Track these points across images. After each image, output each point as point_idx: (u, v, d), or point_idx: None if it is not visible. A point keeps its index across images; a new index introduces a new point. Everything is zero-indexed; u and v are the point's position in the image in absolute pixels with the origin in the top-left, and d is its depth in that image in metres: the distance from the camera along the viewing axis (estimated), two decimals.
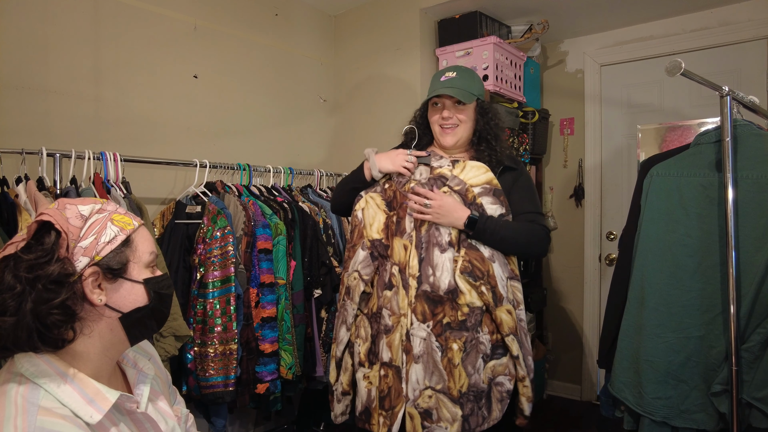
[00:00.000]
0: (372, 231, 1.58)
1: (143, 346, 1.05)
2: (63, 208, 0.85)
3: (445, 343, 1.45)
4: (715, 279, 1.43)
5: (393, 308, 1.49)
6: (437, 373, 1.44)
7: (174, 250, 1.91)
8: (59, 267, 0.79)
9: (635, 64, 2.97)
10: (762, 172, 1.41)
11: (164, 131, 2.28)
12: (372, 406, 1.51)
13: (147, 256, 0.91)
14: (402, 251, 1.52)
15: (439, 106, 1.64)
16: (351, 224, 1.64)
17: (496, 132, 1.67)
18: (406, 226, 1.54)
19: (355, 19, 3.02)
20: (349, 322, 1.59)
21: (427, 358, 1.45)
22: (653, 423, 1.48)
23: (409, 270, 1.49)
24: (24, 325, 0.77)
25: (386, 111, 2.83)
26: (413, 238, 1.51)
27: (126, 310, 0.87)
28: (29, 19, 1.88)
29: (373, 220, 1.59)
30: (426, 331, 1.46)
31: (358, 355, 1.56)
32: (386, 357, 1.49)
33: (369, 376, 1.53)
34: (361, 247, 1.58)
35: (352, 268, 1.58)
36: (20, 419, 0.73)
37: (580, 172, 3.17)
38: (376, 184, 1.64)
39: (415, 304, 1.46)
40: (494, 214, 1.53)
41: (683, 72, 1.30)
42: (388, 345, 1.49)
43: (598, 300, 3.12)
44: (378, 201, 1.61)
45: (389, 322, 1.50)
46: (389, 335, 1.49)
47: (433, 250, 1.49)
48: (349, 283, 1.58)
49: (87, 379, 0.83)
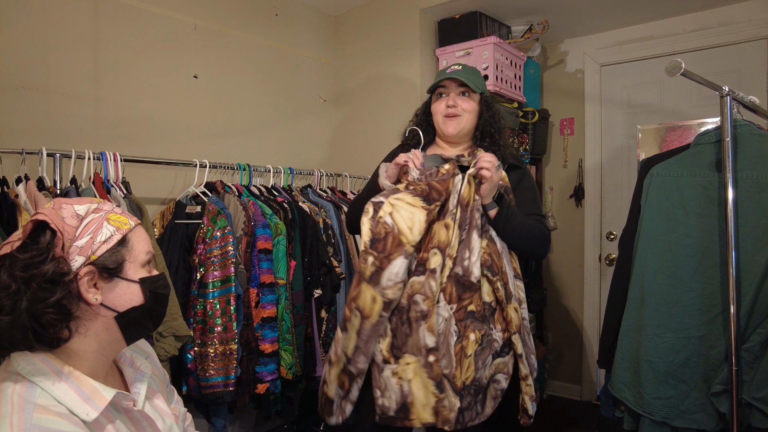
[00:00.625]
0: (414, 234, 1.41)
1: (140, 345, 1.05)
2: (59, 208, 0.85)
3: (463, 331, 1.42)
4: (715, 279, 1.43)
5: (427, 292, 1.40)
6: (447, 358, 1.41)
7: (174, 250, 1.91)
8: (54, 266, 0.79)
9: (635, 64, 2.97)
10: (762, 172, 1.41)
11: (164, 131, 2.28)
12: (408, 401, 1.40)
13: (143, 255, 0.91)
14: (443, 231, 1.43)
15: (444, 96, 1.63)
16: (373, 233, 1.42)
17: (500, 127, 1.65)
18: (450, 204, 1.45)
19: (355, 19, 3.02)
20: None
21: (442, 339, 1.41)
22: (653, 423, 1.48)
23: (449, 250, 1.43)
24: (19, 324, 0.77)
25: (386, 111, 2.83)
26: (457, 218, 1.44)
27: (122, 310, 0.88)
28: (29, 19, 1.88)
29: (412, 221, 1.41)
30: (448, 313, 1.41)
31: (381, 352, 1.43)
32: (431, 343, 1.39)
33: (398, 371, 1.41)
34: (403, 255, 1.40)
35: (393, 281, 1.39)
36: (17, 417, 0.74)
37: (580, 172, 3.17)
38: (397, 191, 1.48)
39: (445, 284, 1.42)
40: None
41: (683, 72, 1.30)
42: (429, 330, 1.40)
43: (598, 300, 3.12)
44: (409, 199, 1.43)
45: (424, 307, 1.40)
46: (428, 320, 1.40)
47: (472, 233, 1.45)
48: (392, 297, 1.40)
49: (83, 377, 0.83)
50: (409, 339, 1.41)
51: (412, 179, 1.49)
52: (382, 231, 1.41)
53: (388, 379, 1.41)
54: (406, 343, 1.41)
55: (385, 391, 1.42)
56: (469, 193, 1.47)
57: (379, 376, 1.43)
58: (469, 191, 1.47)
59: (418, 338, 1.40)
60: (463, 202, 1.46)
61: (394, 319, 1.43)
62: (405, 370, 1.41)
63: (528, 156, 2.90)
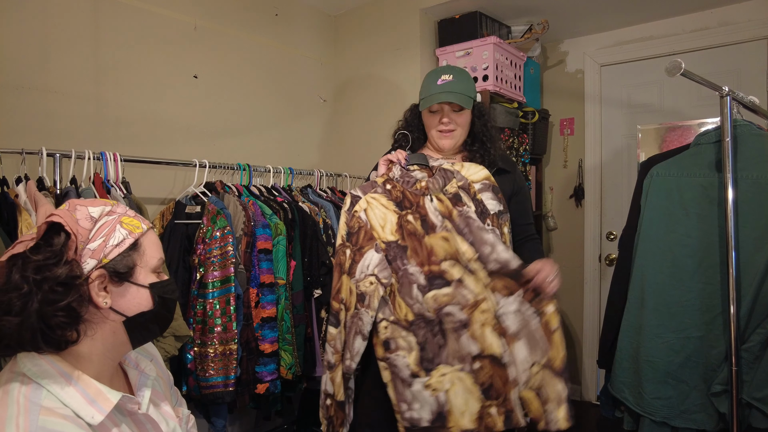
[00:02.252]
0: (385, 233, 1.47)
1: (145, 347, 1.05)
2: (73, 210, 0.85)
3: (539, 307, 1.40)
4: (715, 279, 1.43)
5: (462, 301, 1.41)
6: (542, 344, 1.38)
7: (174, 250, 1.91)
8: (67, 269, 0.79)
9: (635, 64, 2.97)
10: (762, 172, 1.41)
11: (164, 131, 2.28)
12: (446, 409, 1.40)
13: (154, 260, 0.90)
14: (445, 244, 1.46)
15: (438, 113, 1.63)
16: (348, 226, 1.51)
17: (491, 134, 1.67)
18: (435, 221, 1.48)
19: (355, 19, 3.02)
20: (366, 332, 1.43)
21: (526, 332, 1.39)
22: (653, 423, 1.48)
23: (464, 256, 1.44)
24: (28, 325, 0.77)
25: (386, 111, 2.82)
26: (450, 228, 1.47)
27: (130, 314, 0.87)
28: (29, 19, 1.88)
29: (384, 221, 1.49)
30: (517, 302, 1.40)
31: (408, 367, 1.42)
32: (475, 350, 1.41)
33: (431, 384, 1.41)
34: (374, 249, 1.46)
35: (364, 273, 1.45)
36: (22, 418, 0.74)
37: (580, 172, 3.16)
38: (375, 186, 1.57)
39: (493, 282, 1.41)
40: (494, 210, 1.52)
41: (683, 72, 1.30)
42: (472, 337, 1.41)
43: (598, 300, 3.12)
44: (384, 201, 1.52)
45: (463, 316, 1.41)
46: (469, 328, 1.41)
47: (480, 232, 1.46)
48: (364, 289, 1.44)
49: (89, 380, 0.83)
50: (444, 350, 1.41)
51: (393, 176, 1.56)
52: (356, 225, 1.50)
53: (420, 393, 1.40)
54: (439, 355, 1.41)
55: (414, 403, 1.41)
56: (444, 206, 1.51)
57: (406, 390, 1.42)
58: (444, 205, 1.51)
59: (459, 347, 1.41)
60: (446, 214, 1.50)
61: (421, 332, 1.43)
62: (441, 381, 1.40)
63: (528, 156, 2.90)
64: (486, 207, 1.52)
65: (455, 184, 1.53)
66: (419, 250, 1.46)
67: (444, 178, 1.54)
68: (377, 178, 1.59)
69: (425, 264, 1.45)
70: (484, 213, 1.51)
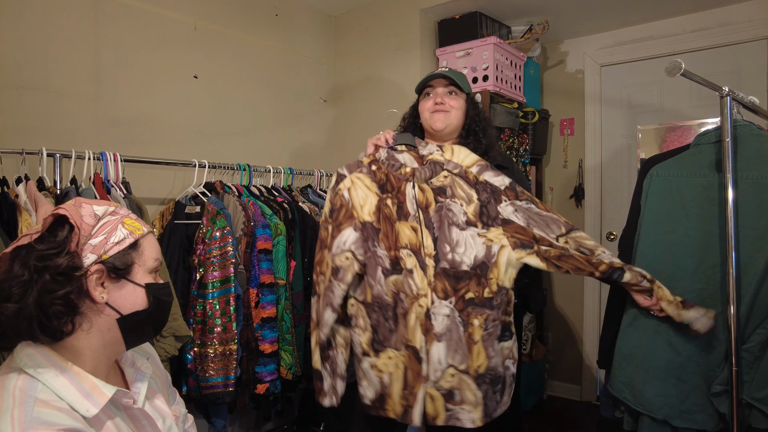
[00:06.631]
0: (363, 213, 1.51)
1: (142, 346, 1.06)
2: (79, 206, 0.88)
3: (467, 318, 1.43)
4: (715, 279, 1.43)
5: (407, 290, 1.44)
6: (461, 352, 1.41)
7: (173, 250, 1.91)
8: (68, 260, 0.82)
9: (635, 64, 2.97)
10: (762, 172, 1.41)
11: (164, 131, 2.28)
12: (387, 392, 1.46)
13: (152, 262, 0.93)
14: (411, 234, 1.48)
15: (431, 96, 1.67)
16: (332, 203, 1.55)
17: (484, 126, 1.68)
18: (410, 209, 1.50)
19: (355, 19, 3.02)
20: (336, 304, 1.50)
21: (450, 336, 1.41)
22: (653, 423, 1.48)
23: (425, 250, 1.46)
24: (26, 313, 0.79)
25: (386, 111, 2.82)
26: (421, 219, 1.49)
27: (125, 312, 0.89)
28: (29, 19, 1.88)
29: (364, 201, 1.52)
30: (449, 308, 1.42)
31: (360, 345, 1.51)
32: (406, 338, 1.44)
33: (377, 364, 1.48)
34: (353, 227, 1.49)
35: (341, 248, 1.48)
36: (17, 410, 0.75)
37: (580, 172, 3.17)
38: (361, 166, 1.60)
39: (435, 282, 1.43)
40: (503, 184, 1.51)
41: (683, 72, 1.30)
42: (406, 327, 1.44)
43: (598, 300, 3.12)
44: (367, 182, 1.55)
45: (405, 305, 1.45)
46: (405, 317, 1.44)
47: (450, 229, 1.47)
48: (339, 264, 1.48)
49: (84, 374, 0.85)
50: (393, 335, 1.46)
51: (378, 157, 1.59)
52: (338, 202, 1.54)
53: (368, 371, 1.50)
54: (388, 339, 1.46)
55: (362, 380, 1.51)
56: (424, 197, 1.51)
57: (358, 366, 1.53)
58: (424, 196, 1.51)
59: (404, 333, 1.45)
60: (422, 205, 1.50)
61: (374, 315, 1.48)
62: (386, 363, 1.47)
63: (528, 156, 2.90)
64: (494, 185, 1.51)
65: (442, 178, 1.53)
66: (389, 235, 1.49)
67: (432, 171, 1.54)
68: (363, 159, 1.62)
69: (392, 249, 1.48)
70: (496, 191, 1.50)
